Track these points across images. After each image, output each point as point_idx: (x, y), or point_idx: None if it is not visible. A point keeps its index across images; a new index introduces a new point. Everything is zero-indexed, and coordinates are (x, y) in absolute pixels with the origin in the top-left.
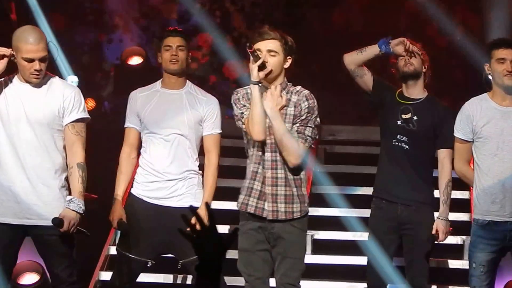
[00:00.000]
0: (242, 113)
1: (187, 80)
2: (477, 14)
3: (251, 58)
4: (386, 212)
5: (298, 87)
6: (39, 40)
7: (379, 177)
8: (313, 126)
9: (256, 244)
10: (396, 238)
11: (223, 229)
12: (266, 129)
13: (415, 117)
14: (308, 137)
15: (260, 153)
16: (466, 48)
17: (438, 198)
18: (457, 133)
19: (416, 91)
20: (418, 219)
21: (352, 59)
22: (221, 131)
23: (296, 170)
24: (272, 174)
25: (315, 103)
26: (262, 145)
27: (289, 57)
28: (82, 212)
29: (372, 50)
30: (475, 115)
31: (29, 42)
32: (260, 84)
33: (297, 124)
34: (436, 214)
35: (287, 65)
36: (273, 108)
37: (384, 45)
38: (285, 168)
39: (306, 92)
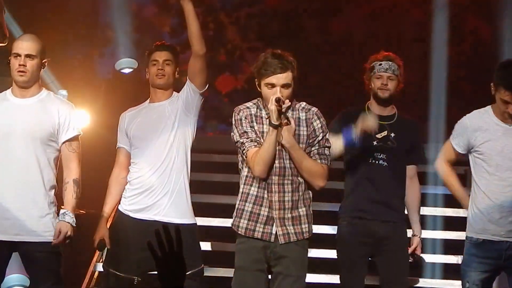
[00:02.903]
0: (242, 143)
1: (174, 92)
2: (489, 23)
3: (272, 100)
4: (361, 227)
5: (303, 104)
6: (29, 39)
7: (352, 197)
8: (329, 145)
9: (253, 263)
10: (368, 255)
11: (210, 246)
12: (276, 152)
13: (392, 134)
14: (328, 157)
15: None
16: None
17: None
18: (452, 141)
19: (388, 109)
20: (396, 236)
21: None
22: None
23: (305, 191)
24: (279, 198)
25: (324, 120)
26: (268, 169)
27: (296, 79)
28: (75, 225)
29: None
30: (476, 130)
31: (19, 39)
32: (280, 126)
33: (316, 146)
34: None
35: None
36: (287, 138)
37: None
38: (292, 191)
39: (314, 109)
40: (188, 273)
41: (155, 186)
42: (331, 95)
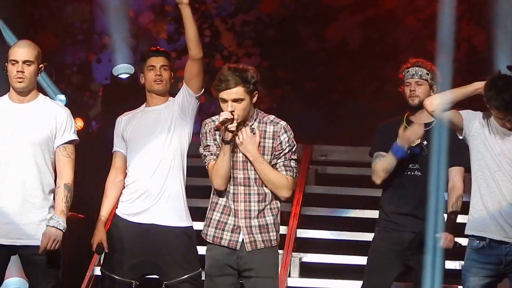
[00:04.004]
0: (205, 156)
1: (170, 97)
2: (483, 29)
3: (219, 119)
4: (392, 235)
5: (272, 117)
6: (26, 45)
7: (385, 208)
8: (295, 157)
9: (221, 269)
10: (400, 263)
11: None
12: (240, 163)
13: (425, 142)
14: (294, 169)
15: (231, 187)
16: None
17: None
18: (462, 110)
19: (424, 116)
20: (423, 243)
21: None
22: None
23: (272, 201)
24: (245, 207)
25: (292, 134)
26: (233, 180)
27: (255, 92)
28: (63, 228)
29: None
30: (482, 126)
31: (16, 46)
32: (232, 142)
33: (282, 159)
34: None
35: (254, 99)
36: (251, 150)
37: (398, 151)
38: (258, 200)
39: (283, 123)
40: (185, 276)
41: (151, 190)
42: (326, 101)
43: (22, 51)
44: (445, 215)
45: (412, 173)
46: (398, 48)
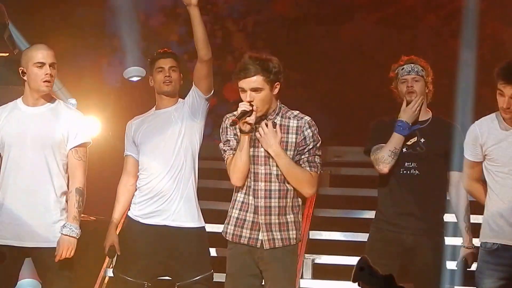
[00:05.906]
0: (224, 151)
1: (179, 99)
2: (509, 26)
3: (238, 110)
4: (390, 236)
5: (296, 112)
6: (48, 48)
7: (382, 208)
8: (320, 153)
9: (243, 268)
10: (396, 265)
11: (219, 252)
12: (261, 158)
13: (422, 140)
14: (318, 164)
15: (252, 183)
16: None
17: (449, 222)
18: (466, 154)
19: (421, 114)
20: (425, 247)
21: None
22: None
23: (294, 198)
24: (266, 204)
25: (317, 129)
26: (254, 175)
27: (276, 83)
28: (76, 235)
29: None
30: (483, 136)
31: (40, 48)
32: (251, 132)
33: (306, 154)
34: (446, 239)
35: (276, 91)
36: (273, 145)
37: (404, 128)
38: (279, 197)
39: (307, 118)
40: (198, 277)
41: (164, 192)
42: (340, 103)
43: (47, 54)
44: (460, 224)
45: (408, 172)
46: (417, 46)
